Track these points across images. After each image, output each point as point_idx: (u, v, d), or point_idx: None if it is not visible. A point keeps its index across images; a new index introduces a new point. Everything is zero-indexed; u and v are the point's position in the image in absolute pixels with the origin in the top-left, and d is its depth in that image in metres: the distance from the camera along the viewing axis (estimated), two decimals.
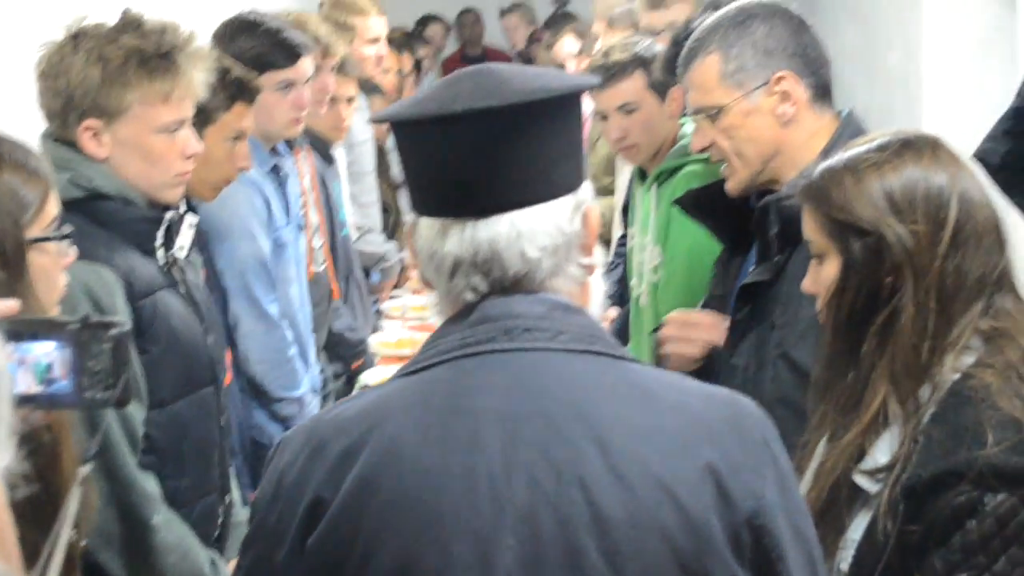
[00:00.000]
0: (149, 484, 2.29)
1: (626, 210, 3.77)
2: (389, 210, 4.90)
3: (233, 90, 2.91)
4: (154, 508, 2.29)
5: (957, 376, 1.79)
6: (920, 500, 1.74)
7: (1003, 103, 3.51)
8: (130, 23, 2.33)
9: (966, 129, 3.73)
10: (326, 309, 3.77)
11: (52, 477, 1.58)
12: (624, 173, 4.17)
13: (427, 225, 1.47)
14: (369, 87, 4.48)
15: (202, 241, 3.05)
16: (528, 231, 1.43)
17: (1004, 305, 1.83)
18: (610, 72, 3.25)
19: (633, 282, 3.38)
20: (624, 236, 3.84)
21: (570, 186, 1.47)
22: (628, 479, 1.37)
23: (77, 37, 2.30)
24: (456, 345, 1.44)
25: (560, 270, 1.46)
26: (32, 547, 1.31)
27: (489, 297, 1.45)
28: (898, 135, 1.91)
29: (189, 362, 2.40)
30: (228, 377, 2.96)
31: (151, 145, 2.34)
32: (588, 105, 3.53)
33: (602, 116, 3.35)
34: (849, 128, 2.32)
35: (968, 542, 1.71)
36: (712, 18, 2.41)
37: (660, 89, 3.24)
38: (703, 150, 2.43)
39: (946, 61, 5.79)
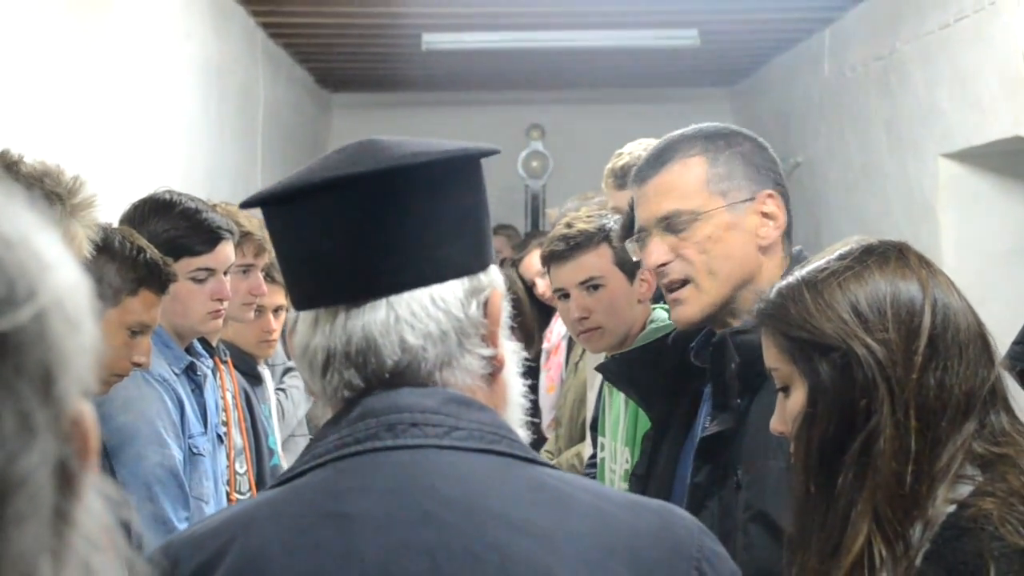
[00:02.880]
0: None
1: (595, 428, 3.76)
2: None
3: (143, 273, 2.90)
4: None
5: (952, 508, 1.75)
6: None
7: None
8: (6, 165, 2.34)
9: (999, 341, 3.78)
10: None
11: None
12: (594, 388, 4.18)
13: (303, 319, 1.45)
14: None
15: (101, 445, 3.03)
16: (408, 316, 1.40)
17: (1000, 425, 1.81)
18: (573, 243, 3.28)
19: None
20: (593, 456, 3.81)
21: (463, 268, 1.44)
22: None
23: None
24: (332, 446, 1.40)
25: (452, 361, 1.42)
26: None
27: (371, 391, 1.42)
28: (860, 242, 1.91)
29: None
30: None
31: None
32: None
33: (562, 294, 3.37)
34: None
35: None
36: (679, 132, 2.43)
37: (629, 268, 3.28)
38: (661, 266, 2.38)
39: (971, 274, 5.93)
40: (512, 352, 1.50)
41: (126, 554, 0.78)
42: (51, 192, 2.34)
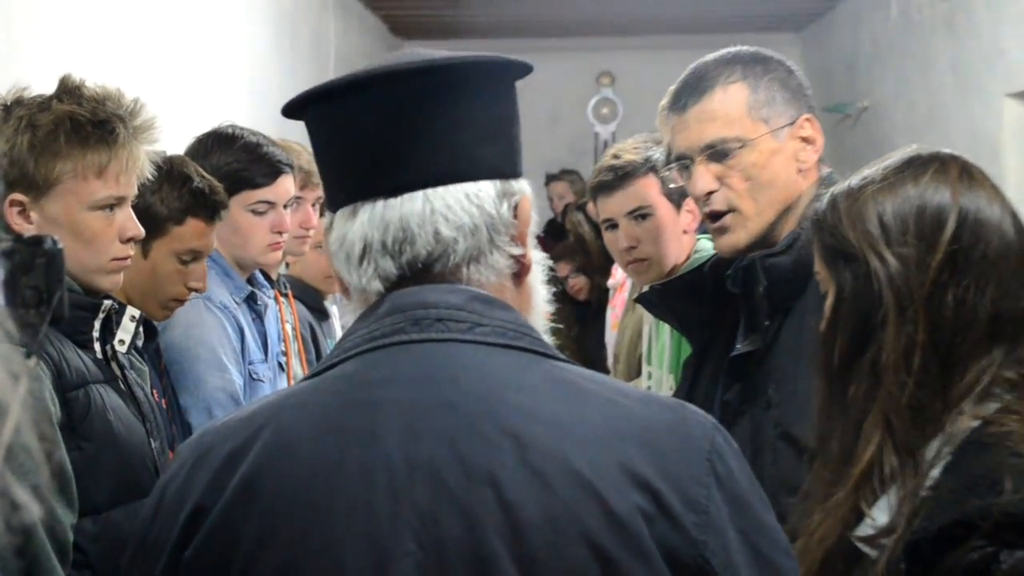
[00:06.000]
0: None
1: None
2: None
3: (188, 202, 2.89)
4: None
5: (976, 424, 1.72)
6: (926, 558, 1.67)
7: None
8: (68, 89, 2.39)
9: None
10: None
11: None
12: (648, 322, 4.20)
13: (340, 216, 1.49)
14: None
15: (163, 368, 3.10)
16: (443, 208, 1.44)
17: None
18: (621, 173, 3.29)
19: None
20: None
21: (497, 170, 1.48)
22: (545, 476, 1.34)
23: (10, 106, 2.36)
24: (362, 339, 1.45)
25: (480, 256, 1.47)
26: None
27: (400, 286, 1.46)
28: (909, 152, 1.86)
29: (128, 465, 2.39)
30: None
31: (83, 223, 2.37)
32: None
33: (610, 224, 3.38)
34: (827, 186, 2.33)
35: None
36: (712, 57, 2.41)
37: (675, 198, 3.29)
38: (708, 195, 2.38)
39: None
40: (538, 261, 1.54)
41: (14, 363, 0.84)
42: (114, 114, 2.39)
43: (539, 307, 1.54)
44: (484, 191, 1.47)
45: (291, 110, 1.54)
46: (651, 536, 1.34)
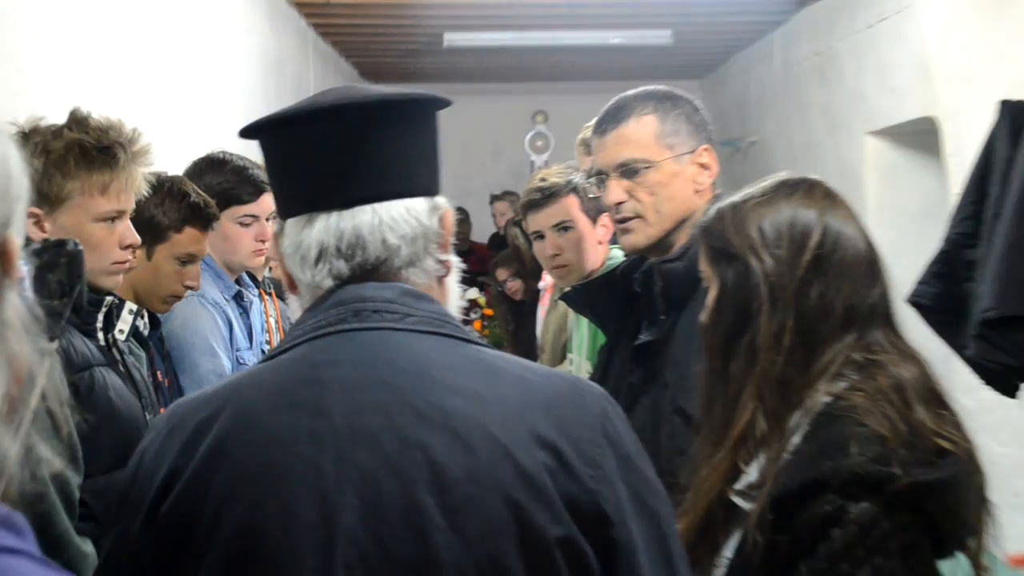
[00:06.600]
0: (86, 546, 2.24)
1: None
2: None
3: (187, 213, 2.93)
4: (89, 571, 2.21)
5: (828, 399, 1.77)
6: (788, 510, 1.71)
7: None
8: (77, 120, 2.40)
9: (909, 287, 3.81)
10: None
11: None
12: (570, 317, 4.22)
13: (293, 223, 1.50)
14: None
15: (166, 352, 3.09)
16: (389, 220, 1.46)
17: (877, 338, 1.82)
18: (547, 193, 3.34)
19: None
20: None
21: (427, 189, 1.51)
22: (467, 441, 1.37)
23: (27, 134, 2.37)
24: (310, 328, 1.46)
25: (417, 260, 1.49)
26: None
27: (344, 285, 1.47)
28: (782, 177, 1.94)
29: (127, 435, 2.37)
30: None
31: (89, 233, 2.37)
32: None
33: (538, 236, 3.41)
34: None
35: (833, 551, 1.67)
36: (632, 92, 2.46)
37: (592, 215, 3.33)
38: (618, 204, 2.42)
39: (889, 233, 5.97)
40: (455, 265, 1.57)
41: (40, 343, 0.86)
42: (116, 141, 2.40)
43: (455, 302, 1.56)
44: (419, 206, 1.49)
45: (250, 132, 1.53)
46: (555, 487, 1.36)
